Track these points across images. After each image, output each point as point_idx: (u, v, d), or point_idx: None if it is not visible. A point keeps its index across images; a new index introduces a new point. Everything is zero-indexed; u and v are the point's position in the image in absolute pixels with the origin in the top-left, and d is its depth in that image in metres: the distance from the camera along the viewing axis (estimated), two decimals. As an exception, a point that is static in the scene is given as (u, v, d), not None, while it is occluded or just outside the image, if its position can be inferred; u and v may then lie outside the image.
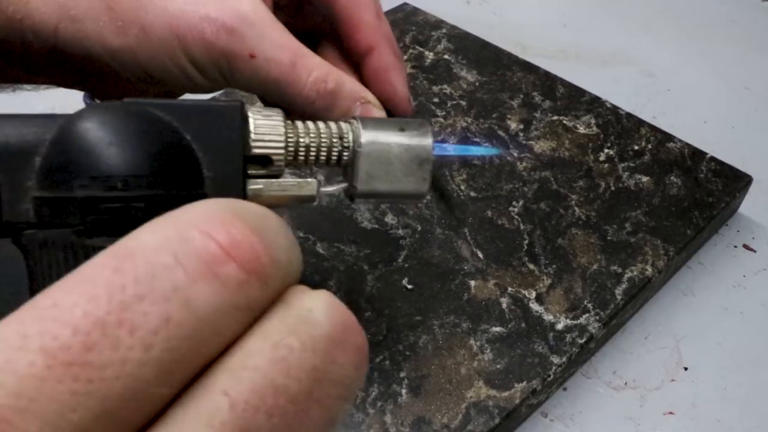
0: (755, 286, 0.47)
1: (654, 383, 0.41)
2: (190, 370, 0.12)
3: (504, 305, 0.41)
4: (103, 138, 0.15)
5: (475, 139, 0.51)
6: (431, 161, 0.25)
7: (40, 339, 0.11)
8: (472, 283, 0.42)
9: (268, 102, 0.30)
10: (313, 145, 0.23)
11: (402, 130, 0.25)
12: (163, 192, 0.16)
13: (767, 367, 0.42)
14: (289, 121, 0.22)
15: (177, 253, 0.12)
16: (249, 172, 0.21)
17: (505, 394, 0.37)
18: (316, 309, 0.14)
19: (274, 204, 0.21)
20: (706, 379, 0.42)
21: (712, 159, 0.51)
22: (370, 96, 0.30)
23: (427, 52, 0.60)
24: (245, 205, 0.14)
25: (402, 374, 0.38)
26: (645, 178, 0.49)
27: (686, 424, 0.39)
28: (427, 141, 0.25)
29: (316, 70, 0.28)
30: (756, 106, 0.62)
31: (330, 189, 0.25)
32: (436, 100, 0.55)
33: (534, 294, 0.42)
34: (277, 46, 0.28)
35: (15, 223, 0.15)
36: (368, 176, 0.24)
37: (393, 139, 0.24)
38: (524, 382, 0.37)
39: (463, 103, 0.55)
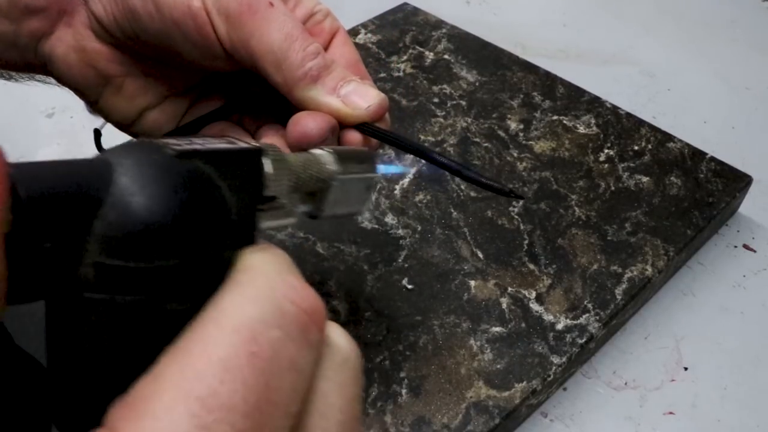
0: (755, 286, 0.47)
1: (654, 383, 0.41)
2: (297, 419, 0.15)
3: (504, 305, 0.41)
4: (168, 207, 0.15)
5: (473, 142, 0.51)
6: (375, 187, 0.26)
7: (220, 428, 0.13)
8: (472, 283, 0.42)
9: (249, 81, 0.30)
10: (301, 176, 0.24)
11: (361, 162, 0.27)
12: (213, 248, 0.16)
13: (767, 367, 0.42)
14: (283, 157, 0.23)
15: (283, 326, 0.14)
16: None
17: (505, 394, 0.37)
18: (345, 344, 0.17)
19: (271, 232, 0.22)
20: (706, 379, 0.42)
21: (712, 159, 0.51)
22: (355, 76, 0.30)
23: (427, 52, 0.59)
24: (286, 258, 0.16)
25: (402, 374, 0.38)
26: (645, 178, 0.49)
27: (686, 424, 0.39)
28: (376, 171, 0.28)
29: (315, 42, 0.29)
30: (756, 106, 0.62)
31: (300, 210, 0.26)
32: (436, 100, 0.55)
33: (534, 294, 0.42)
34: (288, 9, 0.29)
35: (74, 284, 0.15)
36: (334, 203, 0.26)
37: (355, 170, 0.26)
38: (524, 382, 0.37)
39: (463, 103, 0.55)
